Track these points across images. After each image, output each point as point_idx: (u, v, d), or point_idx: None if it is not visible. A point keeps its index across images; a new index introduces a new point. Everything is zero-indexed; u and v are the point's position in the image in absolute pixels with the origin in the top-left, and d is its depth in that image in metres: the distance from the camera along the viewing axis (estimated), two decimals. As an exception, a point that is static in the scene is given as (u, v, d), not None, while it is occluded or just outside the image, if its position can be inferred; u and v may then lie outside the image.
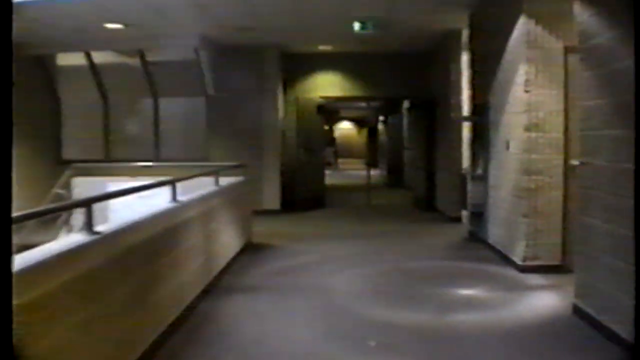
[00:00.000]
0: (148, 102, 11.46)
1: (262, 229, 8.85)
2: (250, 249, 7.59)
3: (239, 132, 11.12)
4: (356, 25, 8.68)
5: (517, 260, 6.25)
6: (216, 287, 5.70)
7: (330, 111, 23.60)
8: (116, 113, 11.63)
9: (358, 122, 31.46)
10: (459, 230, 8.90)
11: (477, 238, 7.94)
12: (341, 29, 9.27)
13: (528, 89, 6.05)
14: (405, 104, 15.09)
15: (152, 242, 4.03)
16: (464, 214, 8.99)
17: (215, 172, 6.50)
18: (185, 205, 4.94)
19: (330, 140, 27.60)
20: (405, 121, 15.83)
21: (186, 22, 9.16)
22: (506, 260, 6.61)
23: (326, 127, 27.37)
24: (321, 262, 6.99)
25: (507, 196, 6.70)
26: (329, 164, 26.02)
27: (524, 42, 6.06)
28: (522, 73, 6.12)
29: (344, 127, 32.02)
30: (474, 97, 8.31)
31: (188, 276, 4.94)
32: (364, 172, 13.30)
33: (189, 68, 10.74)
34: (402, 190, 15.51)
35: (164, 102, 11.50)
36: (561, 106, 6.01)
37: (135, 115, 11.91)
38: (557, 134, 6.05)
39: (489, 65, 7.34)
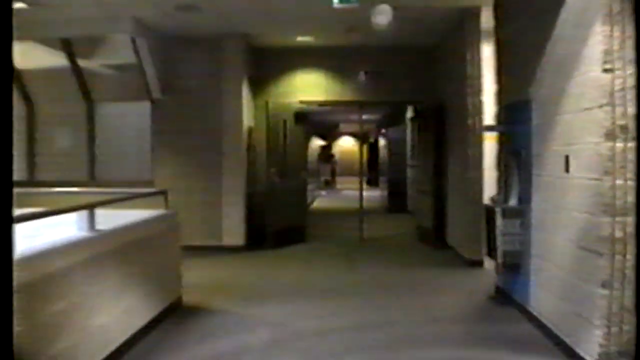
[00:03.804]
0: (82, 109, 9.01)
1: (209, 277, 6.76)
2: (170, 318, 5.04)
3: (191, 147, 8.65)
4: (335, -4, 6.23)
5: (590, 357, 3.69)
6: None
7: (325, 125, 21.28)
8: (43, 124, 9.17)
9: (359, 137, 28.93)
10: (481, 281, 6.36)
11: (509, 300, 5.38)
12: (319, 8, 6.84)
13: (608, 66, 3.52)
14: (409, 112, 12.60)
15: None
16: (489, 261, 6.40)
17: (90, 207, 3.95)
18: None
19: (328, 157, 25.15)
20: (408, 133, 13.27)
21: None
22: (565, 350, 4.04)
23: (324, 143, 24.99)
24: (272, 347, 4.44)
25: (569, 246, 4.13)
26: (326, 183, 23.66)
27: (601, -15, 3.54)
28: (597, 40, 3.58)
29: (345, 144, 29.50)
30: (501, 96, 5.80)
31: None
32: (364, 193, 10.70)
33: (129, 65, 8.32)
34: (406, 215, 12.89)
35: (101, 109, 9.08)
36: (670, 95, 3.49)
37: (66, 126, 9.42)
38: (662, 145, 3.51)
39: (531, 41, 4.80)
